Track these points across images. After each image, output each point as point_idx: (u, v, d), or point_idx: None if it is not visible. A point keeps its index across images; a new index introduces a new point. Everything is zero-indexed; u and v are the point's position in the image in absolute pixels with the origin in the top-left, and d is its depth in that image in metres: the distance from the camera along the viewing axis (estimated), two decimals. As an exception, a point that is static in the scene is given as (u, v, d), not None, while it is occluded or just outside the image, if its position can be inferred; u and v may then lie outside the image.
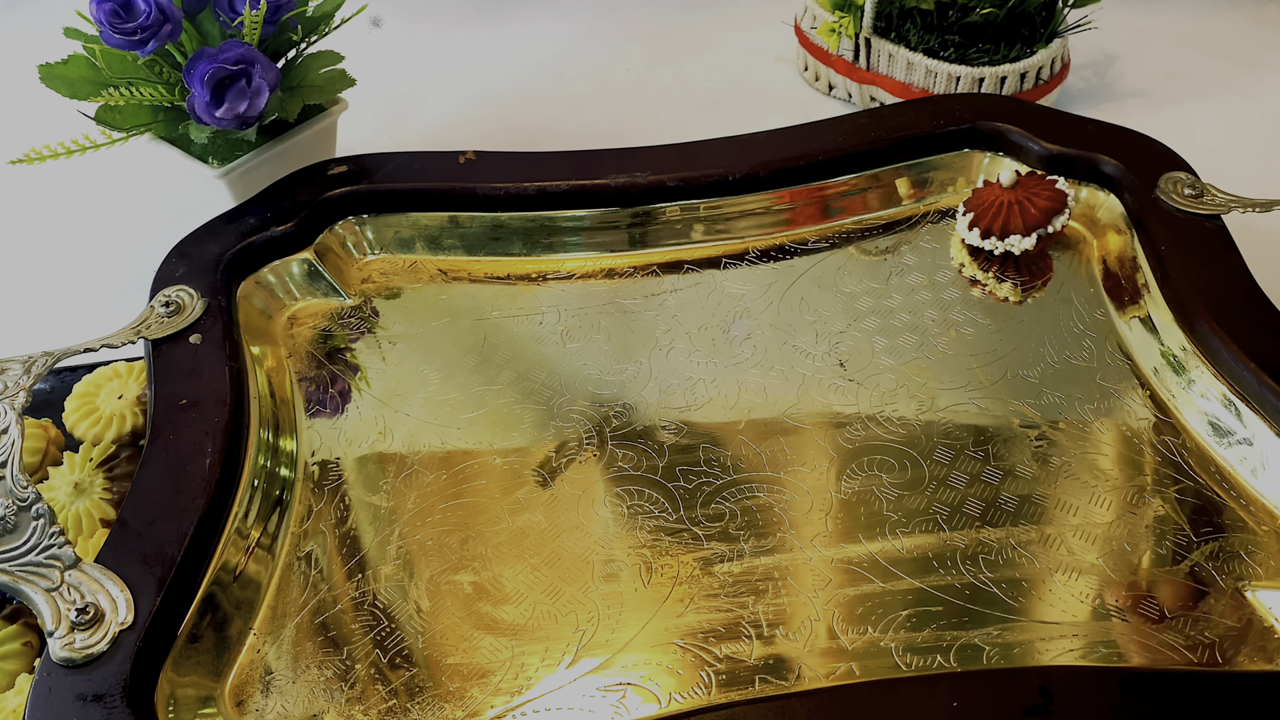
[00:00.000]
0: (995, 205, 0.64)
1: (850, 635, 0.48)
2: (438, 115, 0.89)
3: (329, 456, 0.57)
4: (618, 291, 0.66)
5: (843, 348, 0.61)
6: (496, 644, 0.49)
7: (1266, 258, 0.62)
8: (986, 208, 0.65)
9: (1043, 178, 0.65)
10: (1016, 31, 0.81)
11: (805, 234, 0.68)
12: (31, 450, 0.57)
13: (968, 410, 0.57)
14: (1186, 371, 0.57)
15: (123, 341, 0.57)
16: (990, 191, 0.65)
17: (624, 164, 0.68)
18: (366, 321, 0.65)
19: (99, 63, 0.66)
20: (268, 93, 0.65)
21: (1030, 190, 0.64)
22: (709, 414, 0.58)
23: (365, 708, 0.47)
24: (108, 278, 0.74)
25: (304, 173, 0.69)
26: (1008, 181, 0.64)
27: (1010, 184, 0.64)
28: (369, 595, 0.51)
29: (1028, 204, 0.64)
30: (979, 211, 0.65)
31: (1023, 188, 0.64)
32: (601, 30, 0.99)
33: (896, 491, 0.54)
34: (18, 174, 0.72)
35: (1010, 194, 0.64)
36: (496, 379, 0.61)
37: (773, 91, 0.90)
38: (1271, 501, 0.52)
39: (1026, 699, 0.43)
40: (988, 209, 0.65)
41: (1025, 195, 0.64)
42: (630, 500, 0.54)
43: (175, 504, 0.50)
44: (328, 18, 0.71)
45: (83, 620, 0.45)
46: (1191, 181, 0.63)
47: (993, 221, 0.64)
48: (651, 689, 0.47)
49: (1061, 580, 0.50)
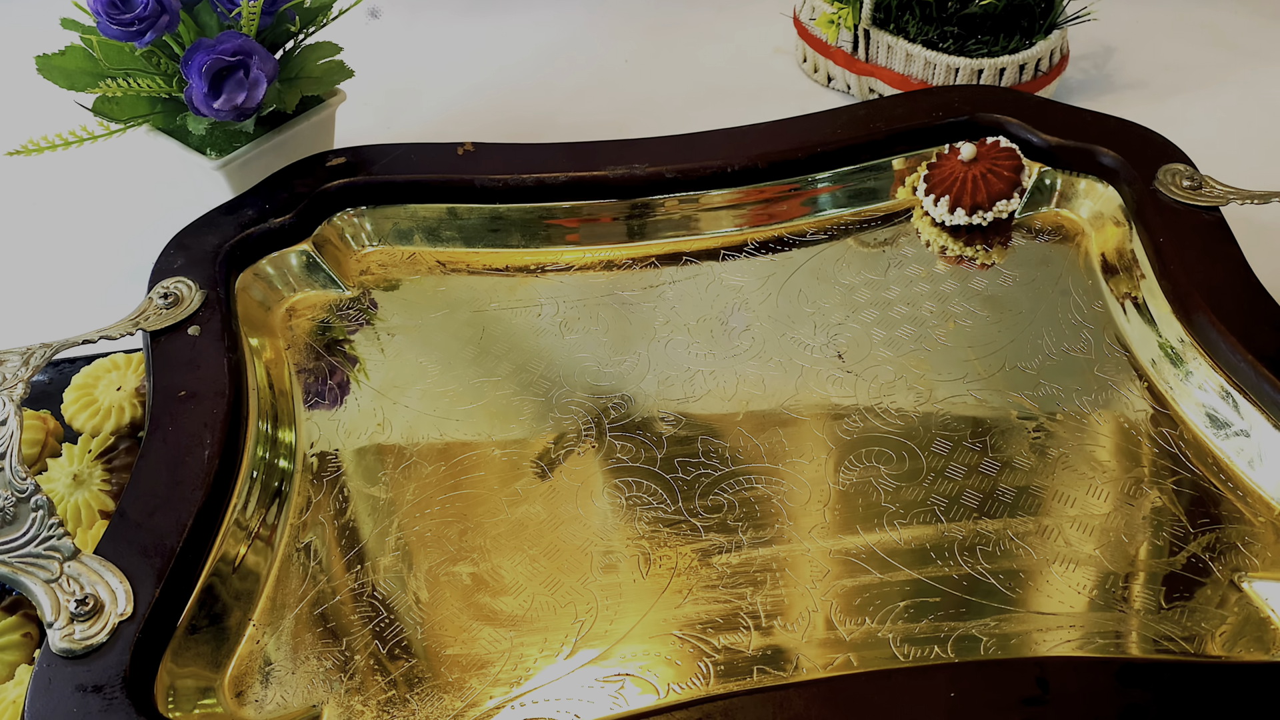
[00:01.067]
0: (960, 180, 0.66)
1: (848, 626, 0.48)
2: (436, 107, 0.89)
3: (328, 448, 0.57)
4: (616, 283, 0.66)
5: (841, 339, 0.61)
6: (495, 635, 0.49)
7: (1265, 250, 0.62)
8: (951, 183, 0.66)
9: (995, 144, 0.67)
10: (1015, 23, 0.81)
11: (803, 226, 0.68)
12: (30, 442, 0.57)
13: (966, 402, 0.57)
14: (1184, 363, 0.57)
15: (121, 333, 0.57)
16: (948, 166, 0.66)
17: (622, 156, 0.68)
18: (365, 313, 0.65)
19: (96, 54, 0.66)
20: (266, 84, 0.65)
21: (991, 160, 0.66)
22: (707, 405, 0.58)
23: (364, 698, 0.47)
24: (106, 269, 0.74)
25: (302, 164, 0.69)
26: (969, 155, 0.66)
27: (971, 158, 0.66)
28: (368, 586, 0.51)
29: (991, 176, 0.65)
30: (944, 188, 0.66)
31: (982, 160, 0.66)
32: (600, 22, 0.99)
33: (894, 483, 0.54)
34: (15, 166, 0.72)
35: (973, 168, 0.65)
36: (495, 371, 0.61)
37: (771, 83, 0.90)
38: (1268, 493, 0.52)
39: (1024, 689, 0.43)
40: (952, 184, 0.66)
41: (988, 167, 0.65)
42: (629, 492, 0.54)
43: (174, 495, 0.50)
44: (325, 9, 0.71)
45: (82, 611, 0.45)
46: (1190, 173, 0.63)
47: (960, 195, 0.66)
48: (650, 680, 0.47)
49: (1059, 571, 0.50)
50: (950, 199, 0.65)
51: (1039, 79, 0.81)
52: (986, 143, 0.67)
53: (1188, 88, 0.86)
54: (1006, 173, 0.65)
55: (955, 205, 0.65)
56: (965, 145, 0.66)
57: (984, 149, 0.66)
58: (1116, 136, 0.66)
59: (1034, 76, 0.81)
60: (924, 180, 0.68)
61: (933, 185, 0.67)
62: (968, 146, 0.66)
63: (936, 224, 0.67)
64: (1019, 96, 0.71)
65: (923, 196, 0.67)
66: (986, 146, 0.67)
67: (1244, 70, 0.88)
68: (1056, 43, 0.80)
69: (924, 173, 0.68)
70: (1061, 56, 0.82)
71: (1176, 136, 0.66)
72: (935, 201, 0.66)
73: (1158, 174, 0.63)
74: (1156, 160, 0.64)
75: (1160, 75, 0.88)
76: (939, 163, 0.67)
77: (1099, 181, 0.67)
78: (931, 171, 0.67)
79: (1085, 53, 0.90)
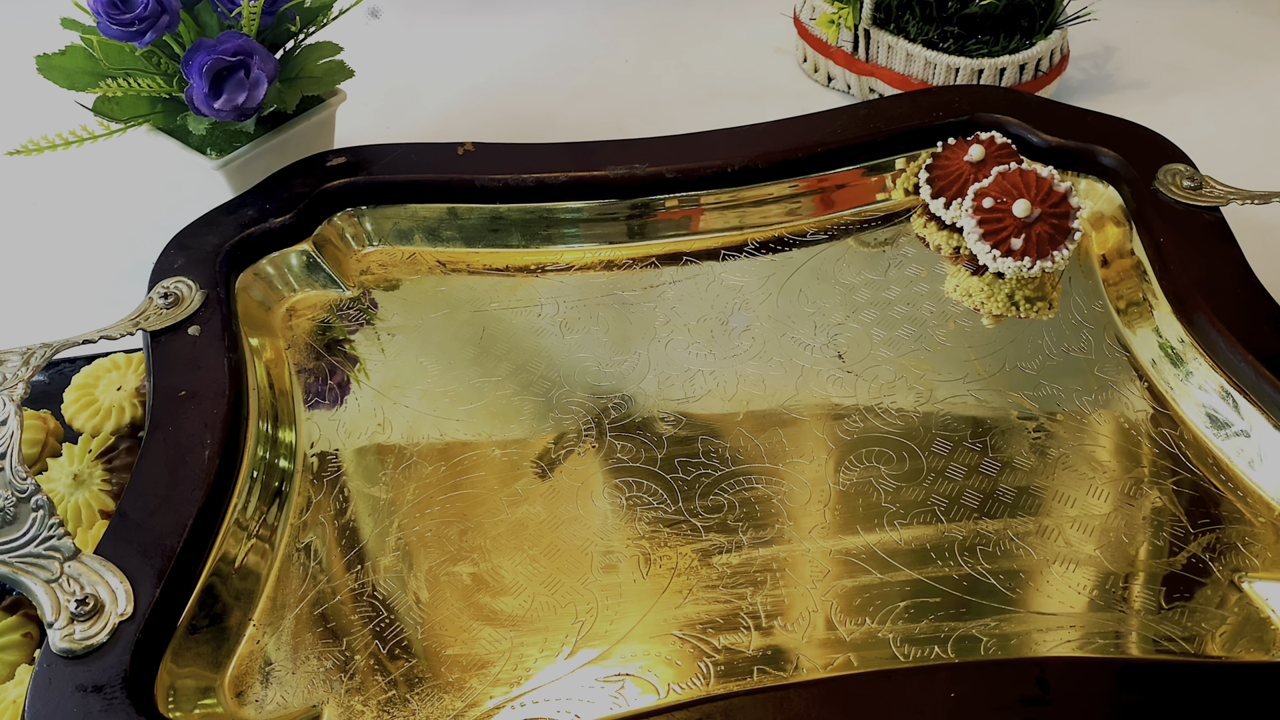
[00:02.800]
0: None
1: (848, 626, 0.48)
2: (436, 107, 0.89)
3: (328, 448, 0.57)
4: (616, 283, 0.66)
5: (841, 339, 0.61)
6: (495, 635, 0.49)
7: (1265, 250, 0.62)
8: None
9: (999, 142, 0.66)
10: (1016, 23, 0.81)
11: (804, 226, 0.68)
12: (30, 442, 0.57)
13: (966, 402, 0.57)
14: (1184, 363, 0.57)
15: (121, 333, 0.57)
16: (953, 165, 0.66)
17: (623, 155, 0.68)
18: (365, 313, 0.65)
19: (97, 54, 0.66)
20: (266, 84, 0.65)
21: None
22: (707, 405, 0.58)
23: (365, 698, 0.47)
24: (106, 269, 0.74)
25: (302, 164, 0.69)
26: (977, 157, 0.65)
27: (980, 159, 0.65)
28: (368, 586, 0.51)
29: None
30: (956, 188, 0.65)
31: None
32: (600, 21, 0.99)
33: (894, 483, 0.54)
34: (15, 165, 0.72)
35: (980, 170, 0.65)
36: (495, 371, 0.61)
37: (771, 83, 0.90)
38: (1268, 493, 0.52)
39: (1024, 689, 0.43)
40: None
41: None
42: (629, 492, 0.54)
43: (174, 495, 0.50)
44: (326, 9, 0.71)
45: (82, 611, 0.45)
46: (1190, 173, 0.63)
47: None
48: (650, 680, 0.47)
49: (1059, 571, 0.50)
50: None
51: (1039, 79, 0.81)
52: (995, 142, 0.66)
53: (1188, 88, 0.86)
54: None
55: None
56: (975, 147, 0.65)
57: (991, 149, 0.66)
58: (1116, 136, 0.67)
59: (1034, 76, 0.81)
60: (926, 180, 0.67)
61: (938, 185, 0.66)
62: (976, 148, 0.65)
63: (939, 222, 0.67)
64: (1019, 96, 0.71)
65: (928, 198, 0.67)
66: (994, 147, 0.66)
67: (1244, 70, 0.88)
68: (1056, 43, 0.80)
69: (924, 170, 0.68)
70: (1061, 56, 0.82)
71: (1176, 136, 0.66)
72: (946, 205, 0.66)
73: (1158, 174, 0.63)
74: (1156, 160, 0.64)
75: (1160, 75, 0.88)
76: (941, 161, 0.67)
77: (1099, 181, 0.67)
78: (935, 171, 0.67)
79: (1085, 53, 0.90)
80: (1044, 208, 0.61)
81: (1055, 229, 0.61)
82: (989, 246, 0.62)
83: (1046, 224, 0.61)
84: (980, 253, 0.62)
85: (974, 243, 0.63)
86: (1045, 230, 0.61)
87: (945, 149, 0.67)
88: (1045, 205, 0.61)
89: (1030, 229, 0.61)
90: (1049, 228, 0.61)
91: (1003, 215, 0.62)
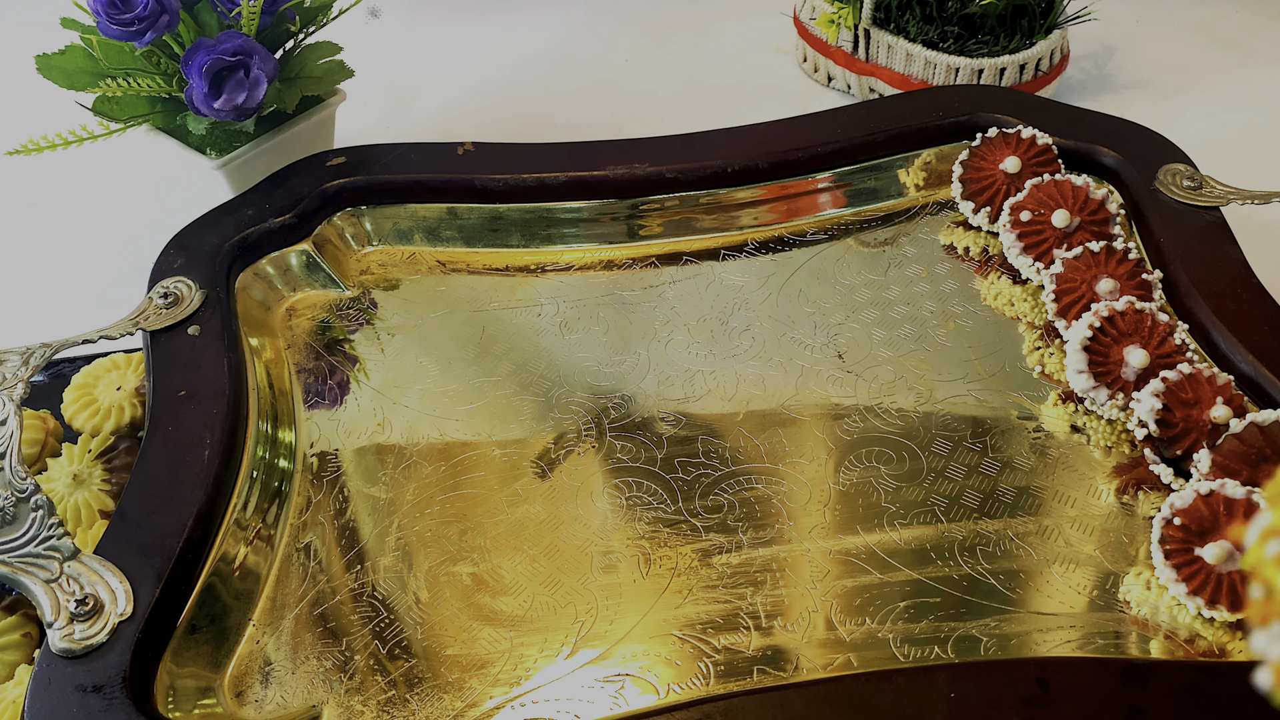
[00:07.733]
0: (998, 188, 0.65)
1: (848, 626, 0.48)
2: (436, 107, 0.89)
3: (328, 448, 0.57)
4: (616, 283, 0.66)
5: (841, 339, 0.61)
6: (495, 635, 0.49)
7: (1265, 250, 0.62)
8: (984, 187, 0.65)
9: (1029, 139, 0.65)
10: (1016, 23, 0.81)
11: (804, 225, 0.68)
12: (30, 441, 0.57)
13: (966, 402, 0.57)
14: (1184, 363, 0.57)
15: (121, 333, 0.57)
16: (989, 169, 0.65)
17: (622, 155, 0.68)
18: (365, 313, 0.65)
19: (96, 53, 0.66)
20: (266, 84, 0.65)
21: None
22: (707, 405, 0.58)
23: (364, 698, 0.47)
24: (105, 269, 0.74)
25: (302, 164, 0.69)
26: (1013, 169, 0.65)
27: (1015, 171, 0.65)
28: (368, 586, 0.51)
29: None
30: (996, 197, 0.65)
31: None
32: (600, 21, 0.99)
33: (894, 483, 0.54)
34: (15, 165, 0.72)
35: (1015, 180, 0.64)
36: (495, 371, 0.61)
37: (771, 83, 0.90)
38: (1269, 493, 0.52)
39: (1024, 690, 0.43)
40: (985, 188, 0.65)
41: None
42: (629, 492, 0.54)
43: (174, 495, 0.50)
44: (325, 8, 0.71)
45: (82, 611, 0.45)
46: (1190, 173, 0.63)
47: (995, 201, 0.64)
48: (650, 680, 0.47)
49: (1059, 571, 0.50)
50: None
51: (1039, 79, 0.81)
52: (1037, 144, 0.65)
53: (1188, 88, 0.86)
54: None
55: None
56: (1011, 159, 0.64)
57: (1030, 154, 0.65)
58: (1116, 136, 0.66)
59: (1034, 76, 0.81)
60: (959, 176, 0.66)
61: (970, 188, 0.66)
62: (1012, 160, 0.64)
63: (966, 224, 0.67)
64: (1019, 96, 0.71)
65: (958, 197, 0.66)
66: (1034, 150, 0.65)
67: (1244, 70, 0.88)
68: (1056, 43, 0.80)
69: (959, 165, 0.67)
70: (1061, 56, 0.82)
71: (1176, 136, 0.66)
72: (975, 210, 0.66)
73: (1158, 174, 0.63)
74: (1157, 160, 0.64)
75: (1160, 75, 0.88)
76: (976, 161, 0.66)
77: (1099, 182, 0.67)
78: (969, 171, 0.66)
79: (1085, 53, 0.90)
80: (1082, 215, 0.62)
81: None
82: (1031, 260, 0.62)
83: (1086, 231, 0.61)
84: (1022, 266, 0.63)
85: (1015, 257, 0.63)
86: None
87: (984, 143, 0.66)
88: (1084, 214, 0.62)
89: (1013, 180, 0.63)
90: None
91: (1042, 226, 0.62)
